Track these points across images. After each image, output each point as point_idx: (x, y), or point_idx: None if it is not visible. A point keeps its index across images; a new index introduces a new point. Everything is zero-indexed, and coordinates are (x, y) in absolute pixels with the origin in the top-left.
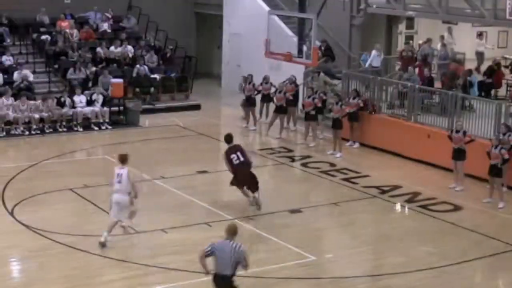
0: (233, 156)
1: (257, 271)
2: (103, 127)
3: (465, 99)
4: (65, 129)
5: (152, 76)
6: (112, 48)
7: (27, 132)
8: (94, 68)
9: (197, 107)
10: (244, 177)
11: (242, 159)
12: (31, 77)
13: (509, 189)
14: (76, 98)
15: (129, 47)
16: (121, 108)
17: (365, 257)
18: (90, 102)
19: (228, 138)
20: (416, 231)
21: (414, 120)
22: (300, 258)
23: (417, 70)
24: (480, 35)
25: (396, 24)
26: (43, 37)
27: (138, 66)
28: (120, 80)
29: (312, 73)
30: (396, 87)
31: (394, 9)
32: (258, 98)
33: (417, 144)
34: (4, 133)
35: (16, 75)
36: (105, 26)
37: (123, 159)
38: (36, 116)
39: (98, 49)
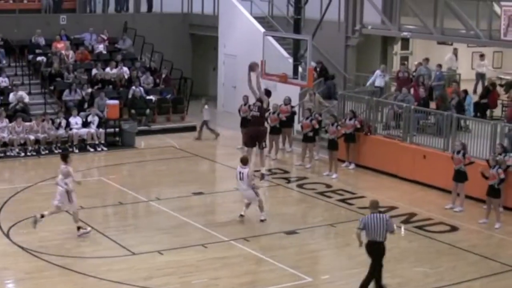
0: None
1: None
2: (99, 149)
3: (460, 120)
4: (60, 151)
5: (148, 97)
6: (107, 69)
7: (22, 154)
8: (89, 90)
9: (192, 128)
10: None
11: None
12: (26, 99)
13: (505, 209)
14: (71, 120)
15: (125, 69)
16: (117, 129)
17: (361, 278)
18: (85, 124)
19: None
20: (413, 251)
21: (410, 141)
22: (296, 280)
23: (412, 90)
24: (481, 56)
25: (391, 44)
26: (39, 58)
27: (133, 87)
28: (116, 102)
29: (310, 94)
30: (391, 108)
31: (389, 30)
32: None
33: (412, 165)
34: (1, 154)
35: (11, 96)
36: (100, 48)
37: (244, 160)
38: (32, 137)
39: (94, 71)
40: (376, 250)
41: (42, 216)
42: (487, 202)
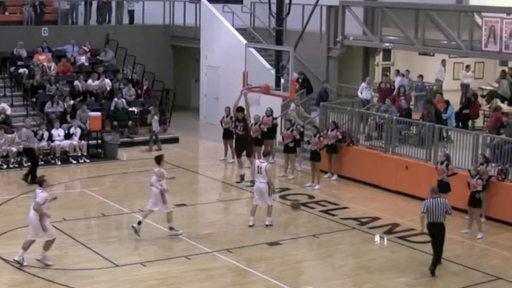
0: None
1: None
2: (81, 161)
3: (442, 130)
4: (42, 163)
5: (130, 109)
6: (89, 81)
7: (5, 166)
8: (72, 102)
9: (175, 140)
10: None
11: None
12: (8, 111)
13: (488, 219)
14: (54, 132)
15: (107, 80)
16: (99, 141)
17: None
18: (68, 136)
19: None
20: (396, 262)
21: (392, 152)
22: None
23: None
24: (467, 66)
25: (373, 56)
26: (21, 70)
27: (116, 99)
28: (98, 114)
29: (296, 104)
30: (373, 118)
31: (371, 41)
32: None
33: (395, 176)
34: None
35: None
36: (82, 60)
37: (266, 154)
38: (14, 149)
39: (76, 83)
40: (438, 229)
41: (139, 223)
42: (469, 212)
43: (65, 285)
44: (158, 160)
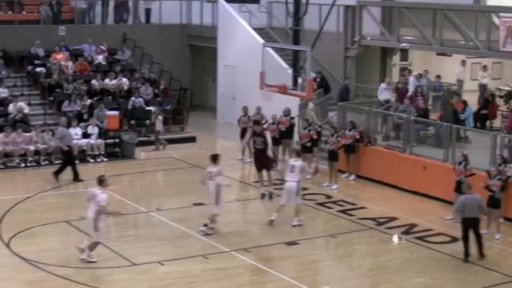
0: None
1: None
2: (99, 159)
3: (460, 131)
4: (60, 161)
5: (147, 108)
6: (107, 80)
7: (22, 164)
8: (89, 101)
9: (192, 139)
10: None
11: None
12: (26, 109)
13: (506, 220)
14: (71, 131)
15: (124, 80)
16: (117, 140)
17: None
18: (85, 135)
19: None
20: (413, 262)
21: (410, 152)
22: None
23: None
24: (484, 67)
25: (390, 55)
26: (38, 69)
27: (133, 98)
28: (116, 113)
29: (314, 103)
30: (391, 118)
31: (388, 41)
32: None
33: (412, 176)
34: (1, 166)
35: (11, 107)
36: (100, 59)
37: (299, 154)
38: (32, 148)
39: (93, 82)
40: (473, 223)
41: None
42: (487, 212)
43: (83, 283)
44: (214, 158)
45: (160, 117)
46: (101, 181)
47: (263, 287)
